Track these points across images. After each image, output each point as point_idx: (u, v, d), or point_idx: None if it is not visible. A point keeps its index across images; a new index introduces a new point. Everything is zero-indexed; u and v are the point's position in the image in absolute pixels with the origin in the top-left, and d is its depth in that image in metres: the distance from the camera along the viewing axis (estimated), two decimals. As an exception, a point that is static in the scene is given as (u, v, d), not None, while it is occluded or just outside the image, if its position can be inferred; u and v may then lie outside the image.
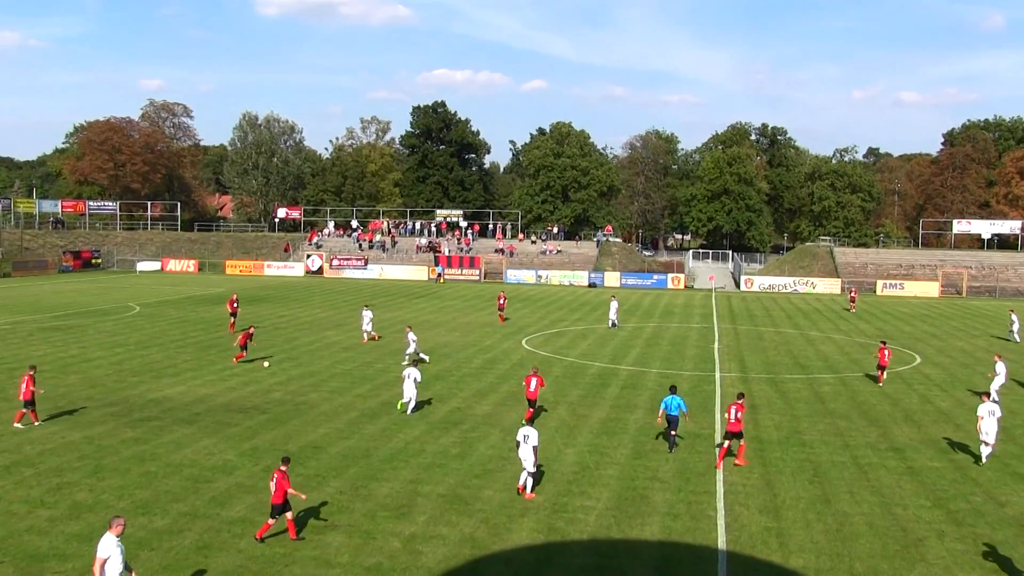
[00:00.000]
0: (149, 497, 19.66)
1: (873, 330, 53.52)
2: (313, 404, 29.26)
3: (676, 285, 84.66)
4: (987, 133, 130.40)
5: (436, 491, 20.51)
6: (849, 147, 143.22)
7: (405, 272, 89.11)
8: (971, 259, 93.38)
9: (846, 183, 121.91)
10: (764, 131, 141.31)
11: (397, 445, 24.40)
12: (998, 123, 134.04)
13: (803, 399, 31.74)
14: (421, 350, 38.29)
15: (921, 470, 23.04)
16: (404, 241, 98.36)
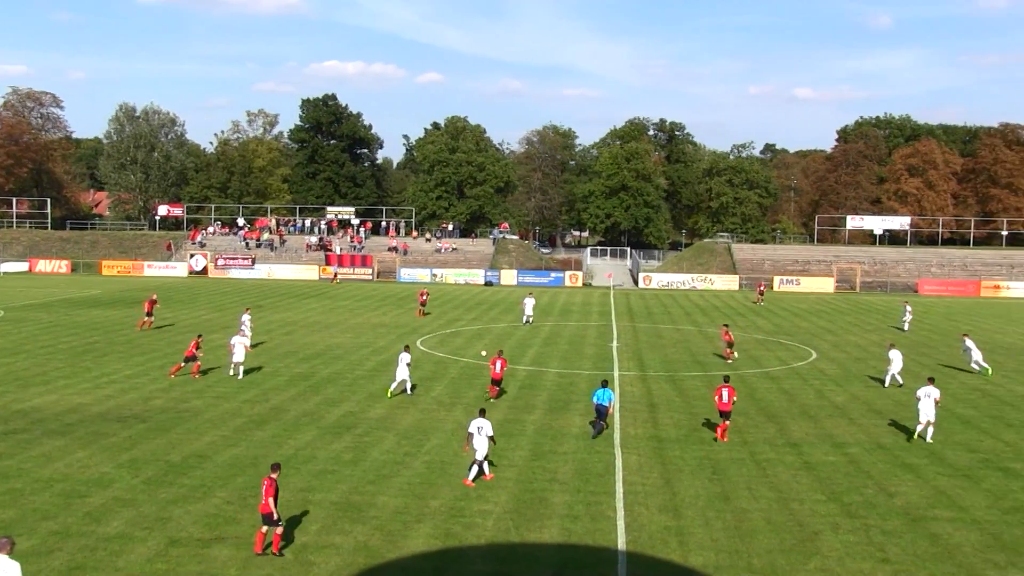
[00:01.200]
0: (14, 516, 18.84)
1: (771, 326, 55.14)
2: (197, 411, 28.54)
3: (574, 283, 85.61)
4: (878, 130, 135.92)
5: (328, 499, 20.26)
6: (746, 143, 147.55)
7: (294, 272, 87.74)
8: (864, 254, 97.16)
9: (743, 179, 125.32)
10: (662, 126, 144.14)
11: (287, 452, 24.01)
12: (888, 121, 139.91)
13: (702, 397, 32.46)
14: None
15: (817, 464, 23.85)
16: (293, 239, 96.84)
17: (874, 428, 28.10)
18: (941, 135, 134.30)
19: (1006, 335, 53.03)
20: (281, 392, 31.66)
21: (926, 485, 22.21)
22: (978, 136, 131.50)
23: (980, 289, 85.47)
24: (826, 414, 30.12)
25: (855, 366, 40.19)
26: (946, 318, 62.46)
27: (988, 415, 30.41)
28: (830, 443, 26.19)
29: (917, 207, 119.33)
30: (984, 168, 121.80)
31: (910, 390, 33.88)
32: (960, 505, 20.75)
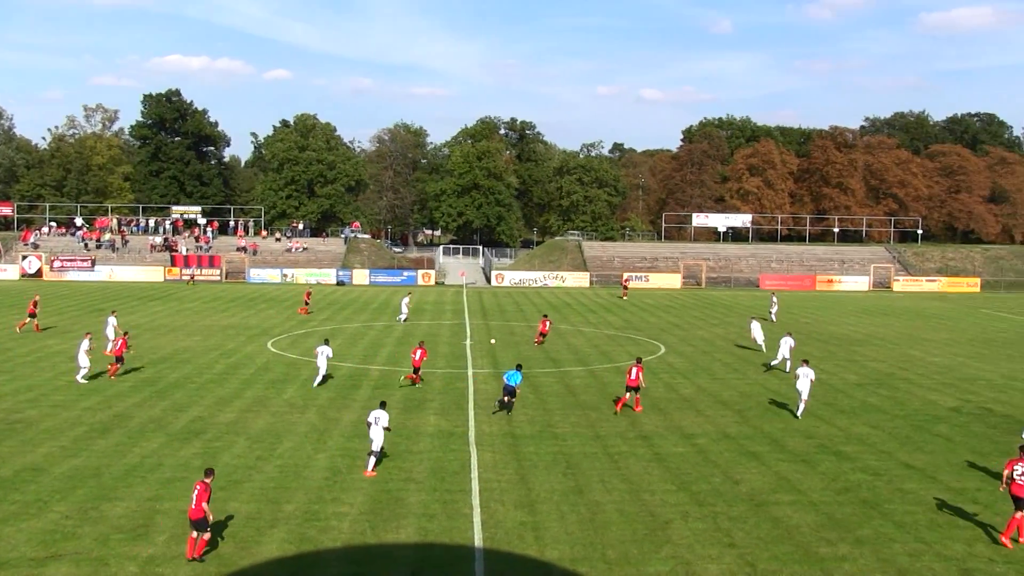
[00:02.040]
0: None
1: (620, 321, 56.49)
2: (32, 421, 27.07)
3: (427, 281, 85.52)
4: (721, 131, 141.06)
5: (177, 507, 19.59)
6: (595, 142, 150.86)
7: (137, 273, 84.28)
8: (709, 251, 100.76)
9: (593, 178, 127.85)
10: (513, 126, 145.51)
11: (132, 461, 23.08)
12: (730, 122, 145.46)
13: (555, 393, 32.99)
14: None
15: (667, 456, 24.62)
16: (136, 240, 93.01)
17: (720, 419, 29.20)
18: (779, 136, 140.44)
19: (839, 326, 56.00)
20: (125, 399, 30.40)
21: (768, 471, 23.25)
22: (811, 138, 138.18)
23: (815, 283, 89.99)
24: (675, 407, 31.10)
25: (702, 359, 41.64)
26: (785, 311, 65.40)
27: (823, 403, 32.06)
28: (679, 435, 27.07)
29: (758, 205, 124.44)
30: (817, 168, 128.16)
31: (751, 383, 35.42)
32: (799, 488, 21.82)
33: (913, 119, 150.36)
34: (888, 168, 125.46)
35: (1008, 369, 40.69)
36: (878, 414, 30.46)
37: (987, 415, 30.70)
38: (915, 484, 22.39)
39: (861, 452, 25.33)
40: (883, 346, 47.59)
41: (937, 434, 27.74)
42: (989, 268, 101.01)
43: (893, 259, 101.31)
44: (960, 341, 50.19)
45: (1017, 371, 40.12)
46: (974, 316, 64.46)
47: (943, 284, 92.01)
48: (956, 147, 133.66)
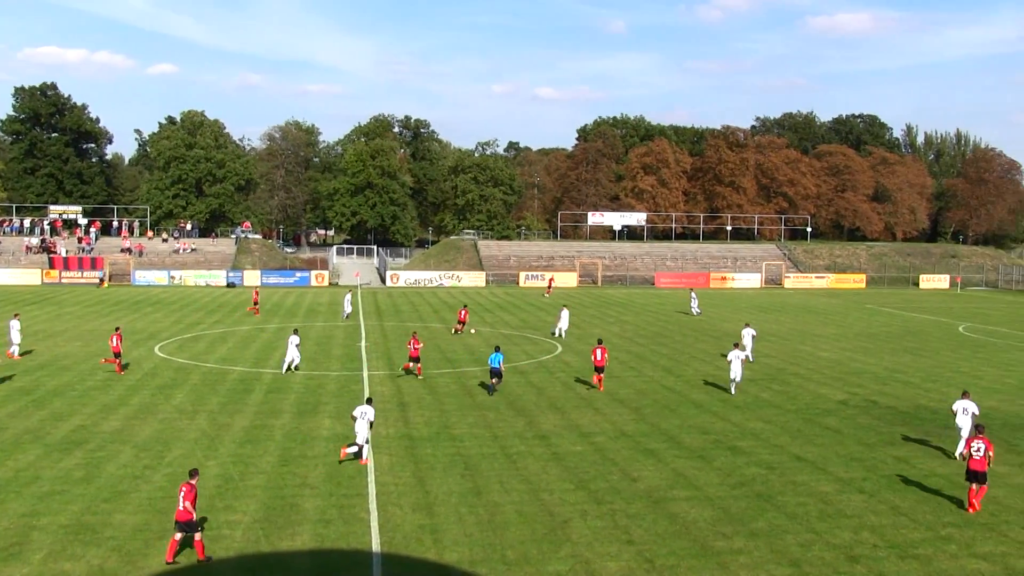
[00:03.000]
0: None
1: (517, 321, 56.81)
2: None
3: (320, 282, 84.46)
4: (615, 130, 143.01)
5: (57, 522, 18.86)
6: (491, 141, 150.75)
7: (12, 276, 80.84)
8: (605, 249, 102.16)
9: (488, 176, 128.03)
10: (407, 124, 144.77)
11: (5, 475, 22.12)
12: (624, 121, 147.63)
13: (452, 393, 32.99)
14: None
15: (565, 455, 24.85)
16: (10, 241, 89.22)
17: (618, 417, 29.62)
18: (672, 136, 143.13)
19: (733, 323, 57.38)
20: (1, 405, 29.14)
21: (666, 468, 23.69)
22: (704, 137, 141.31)
23: (710, 280, 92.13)
24: (573, 405, 31.43)
25: (598, 357, 42.14)
26: (680, 307, 66.74)
27: (718, 399, 32.86)
28: (577, 433, 27.36)
29: (652, 204, 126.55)
30: (710, 167, 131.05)
31: (646, 380, 36.06)
32: (695, 484, 22.30)
33: (801, 119, 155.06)
34: (778, 167, 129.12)
35: (891, 362, 42.40)
36: (771, 409, 31.37)
37: (872, 407, 31.93)
38: (806, 476, 23.12)
39: (755, 446, 26.04)
40: (775, 342, 49.01)
41: (826, 427, 28.71)
42: (873, 265, 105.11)
43: (784, 256, 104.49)
44: (847, 336, 52.06)
45: (899, 364, 41.84)
46: (860, 311, 66.97)
47: (831, 281, 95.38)
48: (842, 147, 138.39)
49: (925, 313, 67.11)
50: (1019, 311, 71.03)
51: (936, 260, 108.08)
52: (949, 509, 20.65)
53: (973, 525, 19.67)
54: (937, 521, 19.88)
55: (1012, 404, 32.82)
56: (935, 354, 45.59)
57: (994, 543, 18.70)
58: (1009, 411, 31.44)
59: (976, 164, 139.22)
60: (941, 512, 20.46)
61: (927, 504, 20.99)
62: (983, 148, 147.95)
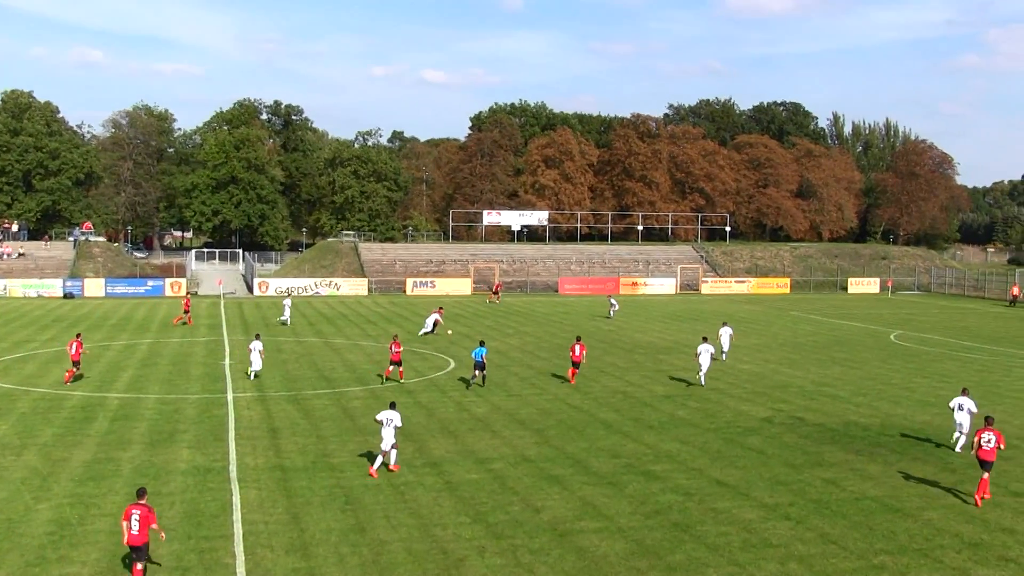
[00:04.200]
0: None
1: (404, 334, 56.55)
2: None
3: (176, 291, 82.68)
4: (513, 118, 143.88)
5: None
6: (373, 130, 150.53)
7: None
8: (502, 252, 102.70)
9: (370, 170, 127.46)
10: (277, 110, 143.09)
11: None
12: (524, 108, 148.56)
13: (330, 417, 32.65)
14: None
15: (459, 484, 24.81)
16: None
17: (518, 440, 29.73)
18: (577, 125, 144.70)
19: (645, 333, 58.29)
20: None
21: (572, 496, 23.86)
22: (612, 127, 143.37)
23: (619, 286, 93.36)
24: (467, 428, 31.42)
25: (496, 374, 42.23)
26: (585, 317, 67.52)
27: (629, 418, 33.29)
28: (473, 459, 27.35)
29: (555, 201, 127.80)
30: (619, 160, 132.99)
31: (581, 392, 36.34)
32: (605, 514, 22.51)
33: (719, 107, 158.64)
34: (694, 160, 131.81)
35: (818, 375, 43.63)
36: (688, 428, 31.91)
37: (799, 424, 32.78)
38: (728, 502, 23.57)
39: (671, 470, 26.44)
40: (692, 354, 49.87)
41: (749, 447, 29.34)
42: (798, 267, 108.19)
43: (701, 259, 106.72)
44: (771, 346, 53.38)
45: (827, 377, 43.09)
46: (784, 319, 68.77)
47: (753, 285, 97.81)
48: (763, 138, 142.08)
49: (854, 320, 69.30)
50: (952, 317, 73.94)
51: (865, 262, 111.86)
52: (882, 535, 21.30)
53: (907, 551, 20.33)
54: (869, 548, 20.48)
55: (946, 418, 33.97)
56: (865, 365, 47.08)
57: (929, 570, 19.36)
58: (943, 426, 32.59)
59: (906, 157, 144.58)
60: (873, 539, 21.09)
61: (858, 530, 21.61)
62: (913, 140, 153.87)
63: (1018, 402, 37.49)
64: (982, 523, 22.17)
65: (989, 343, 56.67)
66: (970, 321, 70.75)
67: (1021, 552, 20.40)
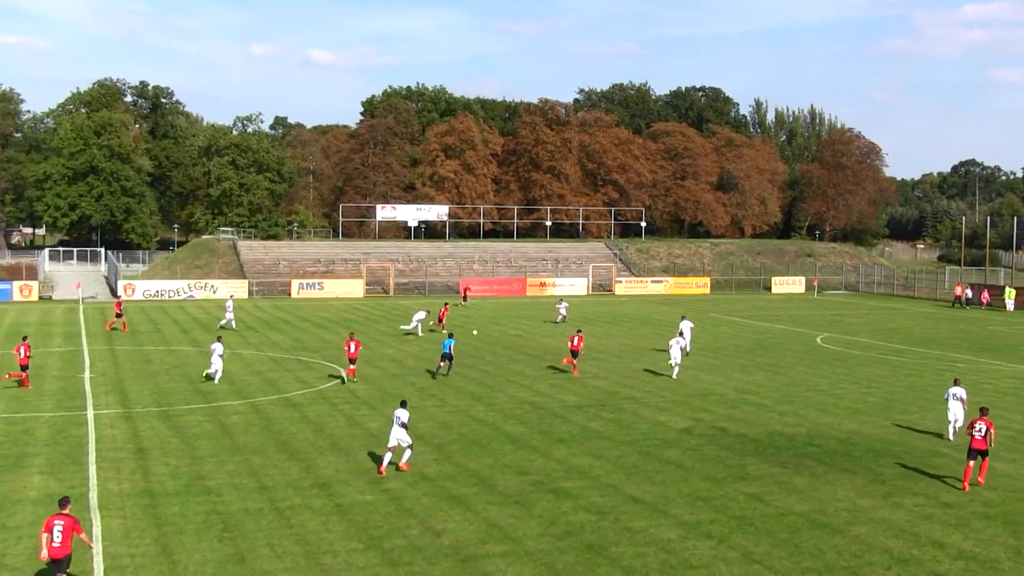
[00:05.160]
0: None
1: (289, 341, 56.09)
2: None
3: (27, 296, 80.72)
4: (410, 103, 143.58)
5: None
6: (253, 115, 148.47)
7: None
8: (398, 251, 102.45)
9: (251, 160, 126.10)
10: (144, 92, 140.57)
11: None
12: (421, 92, 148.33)
13: (206, 435, 32.20)
14: None
15: (352, 506, 24.65)
16: None
17: (417, 457, 29.62)
18: (480, 110, 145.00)
19: (554, 339, 58.61)
20: None
21: (476, 518, 23.88)
22: (518, 113, 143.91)
23: (526, 287, 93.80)
24: (360, 444, 31.25)
25: (392, 384, 42.13)
26: (489, 322, 67.67)
27: (538, 431, 33.44)
28: (367, 479, 27.20)
29: (456, 194, 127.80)
30: (526, 149, 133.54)
31: (485, 404, 36.35)
32: (512, 536, 22.58)
33: (633, 92, 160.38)
34: (607, 149, 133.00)
35: (740, 381, 44.41)
36: (601, 441, 32.18)
37: (720, 435, 33.30)
38: (645, 521, 23.83)
39: (583, 487, 26.62)
40: (605, 360, 50.35)
41: (667, 461, 29.71)
42: (719, 266, 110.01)
43: (615, 257, 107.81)
44: (691, 351, 54.09)
45: (750, 384, 43.88)
46: (704, 321, 69.75)
47: (670, 285, 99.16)
48: (681, 126, 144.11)
49: (779, 322, 70.70)
50: (881, 318, 75.90)
51: (790, 260, 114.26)
52: (808, 553, 21.75)
53: (835, 569, 20.79)
54: (795, 568, 20.88)
55: (875, 426, 34.97)
56: (791, 370, 48.06)
57: (859, 590, 19.82)
58: (872, 434, 33.46)
59: (832, 147, 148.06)
60: (799, 557, 21.51)
61: (784, 548, 22.03)
62: (840, 128, 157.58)
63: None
64: (912, 537, 22.79)
65: (920, 345, 58.30)
66: (900, 322, 72.69)
67: (951, 567, 21.02)
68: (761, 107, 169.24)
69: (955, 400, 32.45)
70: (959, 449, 30.95)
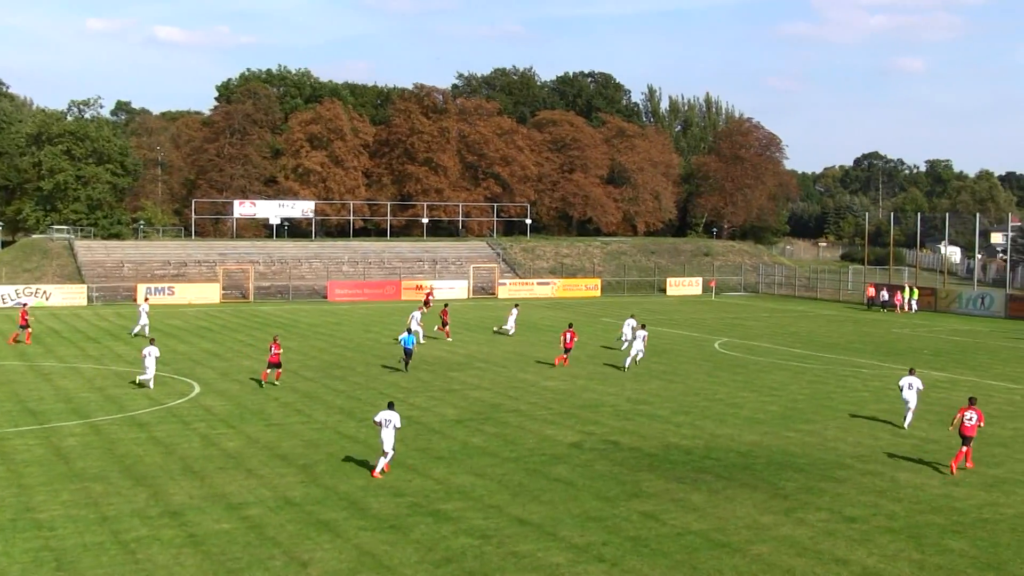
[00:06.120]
0: None
1: (135, 354, 54.95)
2: None
3: None
4: (270, 88, 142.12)
5: None
6: (91, 99, 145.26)
7: None
8: (258, 251, 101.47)
9: (88, 149, 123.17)
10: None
11: None
12: (283, 76, 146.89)
13: (37, 460, 31.43)
14: None
15: (207, 536, 24.23)
16: None
17: (280, 480, 29.33)
18: (349, 97, 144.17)
19: (431, 347, 58.60)
20: None
21: (347, 545, 23.68)
22: (391, 99, 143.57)
23: (401, 290, 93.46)
24: (216, 467, 30.78)
25: (252, 400, 41.63)
26: (363, 329, 67.30)
27: (415, 448, 33.32)
28: (223, 505, 26.79)
29: (323, 189, 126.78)
30: (400, 140, 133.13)
31: (356, 419, 36.15)
32: (387, 564, 22.46)
33: (517, 78, 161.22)
34: (488, 140, 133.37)
35: (634, 391, 44.90)
36: (484, 458, 32.20)
37: (612, 450, 33.59)
38: (531, 544, 23.88)
39: (464, 509, 26.60)
40: (488, 369, 50.48)
41: (556, 478, 29.85)
42: (610, 266, 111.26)
43: (498, 257, 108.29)
44: (579, 359, 54.52)
45: (644, 393, 44.39)
46: (594, 326, 70.42)
47: (558, 288, 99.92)
48: (568, 114, 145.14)
49: (674, 326, 71.68)
50: (782, 321, 77.53)
51: (686, 259, 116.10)
52: (706, 574, 22.03)
53: (737, 593, 21.12)
54: (694, 591, 21.15)
55: (776, 437, 35.65)
56: (687, 378, 48.77)
57: (762, 614, 20.15)
58: (773, 446, 34.10)
59: (730, 138, 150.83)
60: (698, 579, 21.80)
61: (681, 570, 22.29)
62: (738, 118, 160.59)
63: (853, 416, 39.55)
64: (815, 555, 23.25)
65: (822, 350, 59.67)
66: (801, 326, 74.31)
67: (861, 587, 21.51)
68: (654, 95, 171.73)
69: (910, 389, 36.64)
70: (864, 460, 31.86)
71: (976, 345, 63.85)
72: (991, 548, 23.83)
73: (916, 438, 35.52)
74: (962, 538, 24.53)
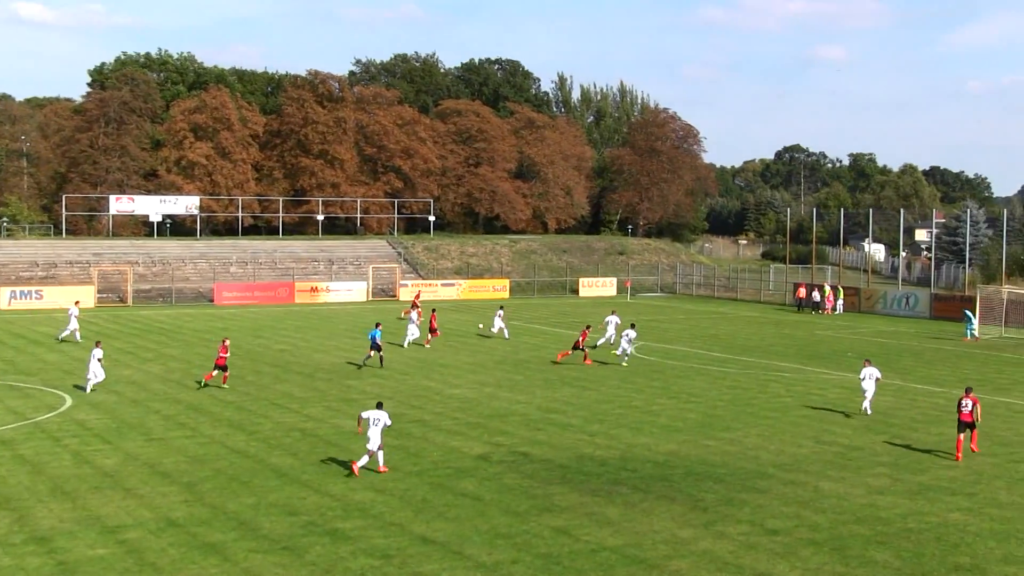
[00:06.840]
0: None
1: (36, 364, 54.04)
2: None
3: None
4: (149, 73, 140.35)
5: None
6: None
7: None
8: (137, 251, 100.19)
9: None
10: None
11: None
12: (163, 60, 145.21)
13: (-102, 479, 30.72)
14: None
15: (79, 564, 23.80)
16: None
17: (162, 499, 28.91)
18: (236, 84, 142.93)
19: (328, 353, 58.30)
20: None
21: (235, 569, 23.40)
22: (283, 87, 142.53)
23: (295, 293, 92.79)
24: (90, 487, 30.26)
25: (130, 413, 41.02)
26: (253, 334, 66.68)
27: (310, 462, 33.10)
28: (98, 529, 26.34)
29: (209, 183, 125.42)
30: (292, 130, 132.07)
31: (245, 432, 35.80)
32: (279, 590, 22.25)
33: (419, 64, 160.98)
34: (388, 131, 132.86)
35: (545, 399, 44.98)
36: (385, 473, 32.04)
37: (522, 461, 33.61)
38: (436, 564, 23.80)
39: (364, 527, 26.43)
40: (388, 377, 50.27)
41: (462, 493, 29.79)
42: (519, 266, 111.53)
43: (399, 256, 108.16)
44: (487, 365, 54.56)
45: (556, 401, 44.50)
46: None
47: (464, 289, 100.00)
48: (474, 104, 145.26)
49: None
50: (701, 323, 78.29)
51: (600, 258, 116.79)
52: (624, 594, 22.14)
53: (655, 612, 21.22)
54: (610, 611, 21.22)
55: (695, 446, 35.95)
56: (601, 385, 48.96)
57: (681, 634, 20.26)
58: (692, 455, 34.36)
59: (645, 129, 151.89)
60: (614, 599, 21.88)
61: (596, 589, 22.36)
62: (653, 108, 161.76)
63: (774, 423, 40.06)
64: (736, 570, 23.45)
65: (743, 353, 60.36)
66: (721, 328, 75.12)
67: (785, 604, 21.75)
68: (565, 83, 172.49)
69: (869, 380, 41.30)
70: (786, 469, 32.28)
71: (900, 347, 65.07)
72: (915, 559, 24.25)
73: (840, 445, 36.04)
74: (886, 549, 24.93)
